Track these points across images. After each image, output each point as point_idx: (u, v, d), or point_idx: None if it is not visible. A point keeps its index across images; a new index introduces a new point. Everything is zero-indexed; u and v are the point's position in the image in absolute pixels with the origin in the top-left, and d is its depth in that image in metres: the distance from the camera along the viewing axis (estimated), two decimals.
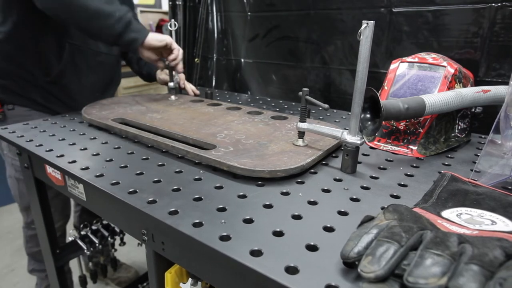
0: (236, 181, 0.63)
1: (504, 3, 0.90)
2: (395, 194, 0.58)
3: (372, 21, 0.54)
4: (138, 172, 0.66)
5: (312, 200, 0.56)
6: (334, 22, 1.26)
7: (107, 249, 1.28)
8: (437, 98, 0.70)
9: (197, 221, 0.49)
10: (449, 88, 0.77)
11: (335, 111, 1.18)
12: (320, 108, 1.20)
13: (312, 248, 0.44)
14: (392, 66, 0.86)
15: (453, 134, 0.81)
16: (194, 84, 1.80)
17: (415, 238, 0.36)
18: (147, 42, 1.03)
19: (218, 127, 0.86)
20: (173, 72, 1.19)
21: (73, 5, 0.92)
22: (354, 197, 0.57)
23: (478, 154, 0.77)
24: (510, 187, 0.60)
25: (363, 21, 0.55)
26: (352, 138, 0.64)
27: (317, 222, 0.49)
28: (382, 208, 0.52)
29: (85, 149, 0.78)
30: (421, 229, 0.38)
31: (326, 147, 0.73)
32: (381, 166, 0.70)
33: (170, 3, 1.72)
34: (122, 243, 1.32)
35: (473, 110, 0.84)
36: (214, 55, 1.75)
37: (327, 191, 0.59)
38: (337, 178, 0.64)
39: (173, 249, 0.57)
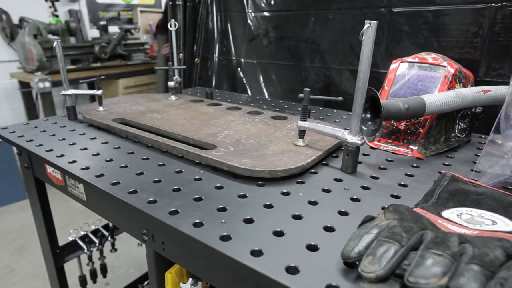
0: (237, 181, 0.63)
1: (504, 3, 0.91)
2: (395, 194, 0.58)
3: (375, 21, 0.54)
4: (138, 172, 0.66)
5: (312, 200, 0.56)
6: (334, 22, 1.27)
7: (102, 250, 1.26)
8: (437, 98, 0.70)
9: (198, 221, 0.49)
10: (449, 88, 0.77)
11: (335, 111, 1.18)
12: (321, 108, 1.21)
13: (312, 248, 0.44)
14: (392, 66, 0.86)
15: (453, 134, 0.81)
16: (194, 84, 1.80)
17: (416, 238, 0.36)
18: None
19: (218, 127, 0.86)
20: (174, 72, 1.19)
21: None
22: (355, 197, 0.57)
23: (478, 154, 0.77)
24: (510, 187, 0.60)
25: (365, 21, 0.54)
26: (353, 138, 0.64)
27: (318, 222, 0.49)
28: (383, 208, 0.52)
29: (85, 149, 0.78)
30: (421, 229, 0.38)
31: (326, 147, 0.73)
32: (382, 166, 0.70)
33: (170, 3, 1.72)
34: (114, 249, 1.29)
35: (473, 110, 0.84)
36: (214, 55, 1.75)
37: (328, 191, 0.59)
38: (338, 178, 0.64)
39: (173, 249, 0.57)
